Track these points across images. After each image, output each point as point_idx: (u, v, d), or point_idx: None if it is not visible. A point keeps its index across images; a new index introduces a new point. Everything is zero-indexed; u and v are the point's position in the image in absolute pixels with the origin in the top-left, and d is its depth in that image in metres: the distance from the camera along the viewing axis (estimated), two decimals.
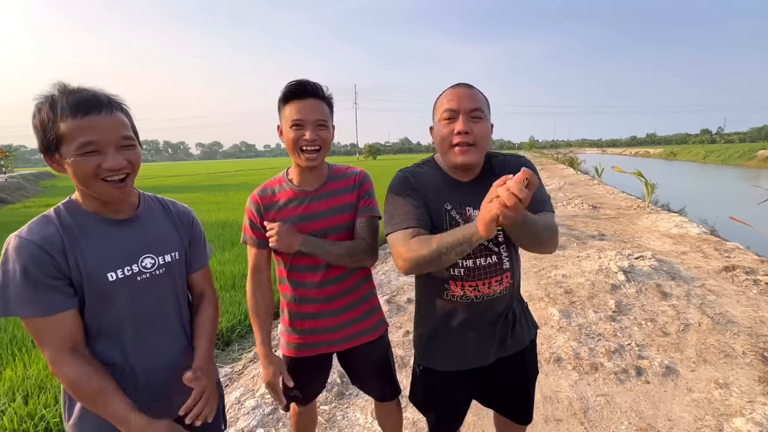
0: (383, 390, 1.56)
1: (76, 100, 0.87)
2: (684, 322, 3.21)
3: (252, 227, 1.37)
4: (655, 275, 4.23)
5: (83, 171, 0.88)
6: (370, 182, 1.45)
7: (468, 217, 1.20)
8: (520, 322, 1.35)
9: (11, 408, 2.28)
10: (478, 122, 1.16)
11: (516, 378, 1.39)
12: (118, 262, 0.97)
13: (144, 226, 1.05)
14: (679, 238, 6.08)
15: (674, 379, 2.50)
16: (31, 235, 0.88)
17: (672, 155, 54.51)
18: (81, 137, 0.86)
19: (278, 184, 1.39)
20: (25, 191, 20.82)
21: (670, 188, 12.72)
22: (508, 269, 1.25)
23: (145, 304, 1.02)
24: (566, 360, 2.71)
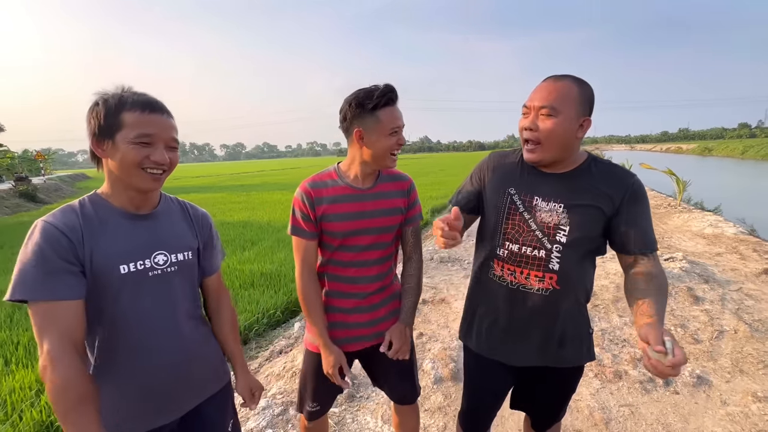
0: (404, 391, 1.55)
1: (146, 99, 1.00)
2: (718, 328, 3.02)
3: (304, 219, 1.34)
4: (686, 278, 4.01)
5: (131, 158, 0.96)
6: (416, 190, 1.50)
7: (532, 206, 1.21)
8: (572, 343, 1.26)
9: (41, 400, 2.39)
10: (548, 119, 1.12)
11: (548, 393, 1.36)
12: (131, 256, 1.00)
13: (160, 223, 1.09)
14: (714, 239, 5.75)
15: (706, 390, 2.34)
16: (54, 219, 0.94)
17: (706, 151, 51.81)
18: (142, 128, 0.97)
19: (330, 178, 1.38)
20: (62, 192, 22.02)
21: (703, 186, 12.07)
22: (554, 270, 1.19)
23: (154, 299, 1.04)
24: (587, 367, 2.59)
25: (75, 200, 1.02)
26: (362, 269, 1.40)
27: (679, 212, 7.91)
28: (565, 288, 1.20)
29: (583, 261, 1.22)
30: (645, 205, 1.18)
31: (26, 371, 2.80)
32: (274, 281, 4.60)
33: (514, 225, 1.22)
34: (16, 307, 4.32)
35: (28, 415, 2.25)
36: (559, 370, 1.29)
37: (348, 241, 1.36)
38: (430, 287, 4.18)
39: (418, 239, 1.48)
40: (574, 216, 1.15)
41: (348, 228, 1.34)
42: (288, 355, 2.99)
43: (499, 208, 1.25)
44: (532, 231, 1.19)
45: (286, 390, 2.45)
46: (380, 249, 1.41)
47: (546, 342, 1.25)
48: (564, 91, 1.11)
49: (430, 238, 6.86)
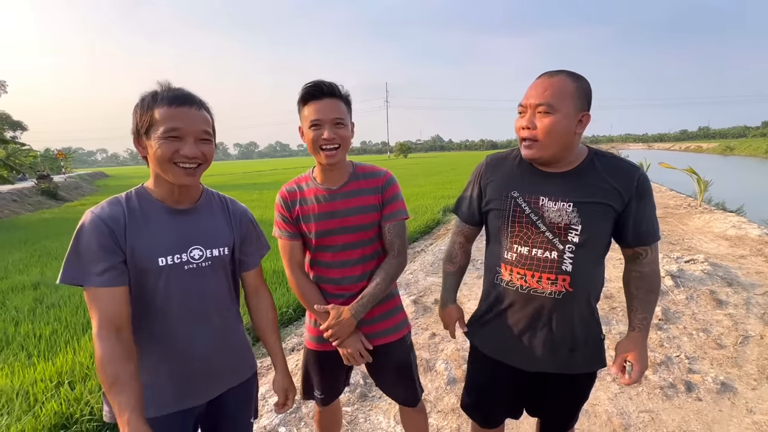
0: (403, 394, 1.54)
1: (174, 93, 1.01)
2: (743, 333, 2.91)
3: (284, 221, 1.42)
4: (708, 281, 3.88)
5: (162, 153, 0.99)
6: (395, 185, 1.44)
7: (538, 207, 1.17)
8: (584, 349, 1.23)
9: (61, 392, 2.44)
10: (545, 117, 1.10)
11: (559, 399, 1.33)
12: (169, 249, 1.04)
13: (199, 218, 1.12)
14: (737, 240, 5.56)
15: (731, 397, 2.26)
16: (101, 211, 1.00)
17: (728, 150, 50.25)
18: (169, 123, 0.98)
19: (304, 181, 1.43)
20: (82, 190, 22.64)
21: (725, 186, 11.69)
22: (567, 272, 1.16)
23: (189, 293, 1.08)
24: (605, 371, 2.53)
25: (122, 193, 1.08)
26: (345, 269, 1.40)
27: (700, 213, 7.67)
28: (578, 290, 1.17)
29: (595, 262, 1.19)
30: (651, 199, 1.18)
31: (47, 364, 2.88)
32: (285, 279, 4.63)
33: (522, 227, 1.20)
34: (38, 301, 4.45)
35: (49, 407, 2.31)
36: (570, 377, 1.25)
37: (324, 241, 1.38)
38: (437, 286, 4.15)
39: (399, 236, 1.41)
40: (586, 214, 1.13)
41: (321, 228, 1.36)
42: (300, 353, 3.00)
43: (503, 212, 1.23)
44: (541, 232, 1.17)
45: (298, 388, 2.45)
46: (360, 248, 1.39)
47: (558, 347, 1.22)
48: (560, 86, 1.08)
49: (442, 238, 6.81)
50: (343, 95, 1.32)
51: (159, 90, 1.02)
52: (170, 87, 1.03)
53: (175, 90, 1.02)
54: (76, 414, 2.30)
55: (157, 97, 1.00)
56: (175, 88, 1.03)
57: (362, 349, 1.38)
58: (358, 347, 1.37)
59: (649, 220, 1.17)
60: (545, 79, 1.11)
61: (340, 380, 1.57)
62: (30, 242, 8.13)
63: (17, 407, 2.35)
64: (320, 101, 1.28)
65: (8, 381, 2.64)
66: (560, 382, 1.27)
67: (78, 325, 3.70)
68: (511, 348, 1.27)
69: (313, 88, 1.28)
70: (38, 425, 2.21)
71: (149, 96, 1.01)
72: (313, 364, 1.50)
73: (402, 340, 1.50)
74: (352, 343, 1.37)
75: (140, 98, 1.01)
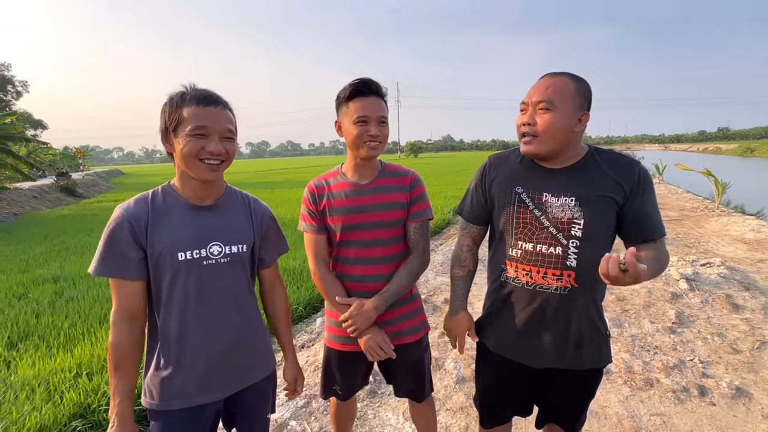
0: (414, 390, 1.56)
1: (201, 93, 1.06)
2: (760, 339, 2.85)
3: (310, 215, 1.43)
4: (724, 284, 3.79)
5: (189, 149, 1.03)
6: (422, 185, 1.48)
7: (542, 202, 1.19)
8: (590, 345, 1.24)
9: (79, 382, 2.52)
10: (546, 114, 1.14)
11: (566, 396, 1.33)
12: (189, 244, 1.08)
13: (220, 215, 1.15)
14: (756, 244, 5.41)
15: (746, 402, 2.21)
16: (127, 207, 1.07)
17: (748, 151, 48.80)
18: (197, 121, 1.03)
19: (333, 176, 1.46)
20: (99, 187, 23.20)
21: (744, 188, 11.38)
22: (572, 267, 1.17)
23: (207, 288, 1.11)
24: (616, 373, 2.51)
25: (150, 189, 1.14)
26: (368, 267, 1.41)
27: (717, 215, 7.49)
28: (583, 286, 1.18)
29: (600, 256, 1.17)
30: (652, 192, 1.18)
31: (66, 355, 2.97)
32: (296, 277, 4.68)
33: (526, 223, 1.21)
34: (57, 294, 4.59)
35: (68, 397, 2.38)
36: (577, 373, 1.26)
37: (349, 236, 1.40)
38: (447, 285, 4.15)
39: (424, 236, 1.45)
40: (588, 208, 1.14)
41: (346, 222, 1.38)
42: (310, 350, 3.04)
43: (508, 209, 1.24)
44: (545, 228, 1.18)
45: (309, 383, 2.49)
46: (384, 246, 1.41)
47: (564, 343, 1.22)
48: (561, 86, 1.13)
49: (452, 238, 6.79)
50: (384, 95, 1.37)
51: (186, 90, 1.06)
52: (197, 88, 1.08)
53: (202, 90, 1.07)
54: (94, 404, 2.37)
55: (186, 96, 1.04)
56: (201, 89, 1.07)
57: (382, 343, 1.37)
58: (377, 340, 1.36)
59: (653, 214, 1.17)
60: (547, 79, 1.16)
61: (360, 378, 1.58)
62: (50, 237, 8.37)
63: (38, 396, 2.43)
64: (367, 98, 1.32)
65: (30, 371, 2.74)
66: (567, 379, 1.27)
67: (95, 318, 3.80)
68: (518, 344, 1.28)
69: (361, 84, 1.32)
70: (58, 414, 2.28)
71: (178, 96, 1.05)
72: (334, 364, 1.51)
73: (420, 341, 1.51)
74: (371, 335, 1.36)
75: (169, 98, 1.06)
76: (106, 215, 11.29)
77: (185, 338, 1.10)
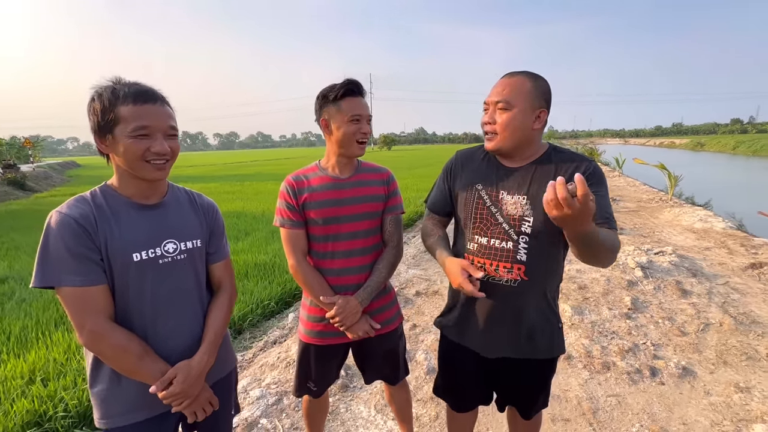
0: (389, 375, 1.65)
1: (138, 90, 0.99)
2: (704, 321, 3.09)
3: (289, 209, 1.43)
4: (674, 272, 4.08)
5: (133, 152, 0.98)
6: (395, 181, 1.57)
7: (498, 200, 1.26)
8: (541, 336, 1.30)
9: (32, 389, 2.38)
10: (504, 113, 1.20)
11: (520, 384, 1.40)
12: (143, 244, 1.04)
13: (169, 212, 1.11)
14: (703, 233, 5.84)
15: (691, 381, 2.40)
16: (71, 210, 0.97)
17: (699, 146, 52.31)
18: (138, 121, 0.97)
19: (312, 171, 1.48)
20: (52, 180, 21.65)
21: (695, 180, 12.20)
22: (522, 261, 1.24)
23: (165, 287, 1.08)
24: (577, 358, 2.65)
25: (86, 191, 1.06)
26: (349, 260, 1.45)
27: (670, 207, 8.01)
28: (533, 279, 1.24)
29: (550, 252, 1.26)
30: (603, 188, 1.21)
31: (17, 361, 2.78)
32: (268, 272, 4.60)
33: (482, 219, 1.28)
34: (6, 296, 4.27)
35: (20, 405, 2.24)
36: (531, 363, 1.33)
37: (330, 229, 1.43)
38: (424, 279, 4.21)
39: (398, 228, 1.54)
40: (537, 206, 1.20)
41: (328, 215, 1.41)
42: (282, 346, 3.01)
43: (468, 204, 1.31)
44: (499, 224, 1.25)
45: (280, 380, 2.47)
46: (364, 237, 1.47)
47: (516, 333, 1.29)
48: (517, 85, 1.19)
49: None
50: None
51: (116, 86, 0.99)
52: (127, 82, 1.01)
53: (135, 86, 1.00)
54: (50, 411, 2.24)
55: (118, 93, 0.97)
56: (133, 84, 1.01)
57: (369, 330, 1.46)
58: (365, 329, 1.45)
59: (601, 206, 1.17)
60: (505, 80, 1.22)
61: (334, 372, 1.63)
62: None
63: None
64: (358, 98, 1.39)
65: None
66: (520, 368, 1.34)
67: (50, 320, 3.58)
68: (474, 334, 1.34)
69: (352, 84, 1.38)
70: (8, 423, 2.15)
71: (108, 92, 0.97)
72: (310, 358, 1.54)
73: (395, 331, 1.59)
74: (360, 327, 1.44)
75: (96, 94, 0.98)
76: None
77: (147, 342, 1.05)
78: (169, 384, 1.04)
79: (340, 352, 1.57)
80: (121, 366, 1.01)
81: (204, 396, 1.12)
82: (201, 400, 1.11)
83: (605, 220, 1.17)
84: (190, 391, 1.06)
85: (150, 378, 1.03)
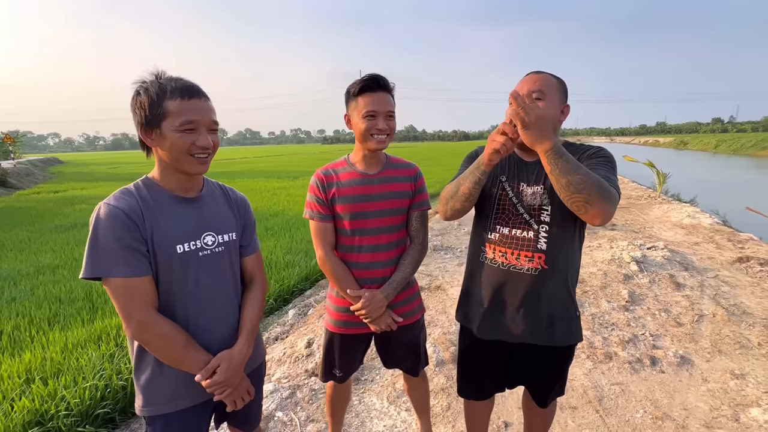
0: (411, 367, 1.67)
1: (184, 85, 1.01)
2: (698, 312, 3.19)
3: (318, 202, 1.47)
4: (668, 266, 4.19)
5: (180, 146, 1.01)
6: (423, 177, 1.58)
7: (519, 191, 1.32)
8: (560, 324, 1.34)
9: (32, 388, 2.33)
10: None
11: (538, 370, 1.44)
12: (185, 236, 1.06)
13: (207, 206, 1.14)
14: (692, 229, 6.01)
15: (689, 369, 2.49)
16: (119, 203, 0.99)
17: (682, 144, 53.62)
18: (185, 116, 0.99)
19: (341, 166, 1.51)
20: (34, 177, 20.99)
21: (680, 178, 12.53)
22: (542, 250, 1.28)
23: (206, 279, 1.09)
24: (580, 349, 2.71)
25: (130, 184, 1.07)
26: (375, 254, 1.48)
27: (659, 203, 8.22)
28: (553, 267, 1.29)
29: (569, 241, 1.31)
30: (607, 162, 1.25)
31: (12, 360, 2.72)
32: (265, 269, 4.57)
33: (505, 210, 1.33)
34: None
35: (20, 404, 2.19)
36: (550, 350, 1.37)
37: (357, 224, 1.45)
38: (426, 275, 4.24)
39: (424, 224, 1.55)
40: (554, 195, 1.24)
41: (355, 209, 1.44)
42: (285, 342, 3.01)
43: (492, 196, 1.36)
44: (520, 214, 1.30)
45: (290, 375, 2.48)
46: (390, 233, 1.49)
47: (536, 320, 1.33)
48: (547, 80, 1.27)
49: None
50: (391, 89, 1.43)
51: (161, 81, 1.01)
52: (171, 77, 1.03)
53: (181, 81, 1.03)
54: (51, 410, 2.20)
55: (165, 88, 0.99)
56: (178, 79, 1.03)
57: (392, 323, 1.49)
58: (388, 322, 1.48)
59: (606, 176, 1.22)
60: (534, 75, 1.29)
61: (358, 359, 1.67)
62: None
63: None
64: (375, 94, 1.38)
65: None
66: (541, 355, 1.38)
67: (44, 319, 3.50)
68: (494, 321, 1.38)
69: (370, 81, 1.38)
70: (9, 422, 2.10)
71: (155, 87, 0.99)
72: (336, 347, 1.58)
73: (417, 323, 1.62)
74: (384, 320, 1.48)
75: (141, 88, 1.00)
76: (45, 208, 10.31)
77: (190, 333, 1.07)
78: (213, 373, 1.06)
79: (364, 341, 1.61)
80: (166, 355, 1.02)
81: (243, 385, 1.14)
82: (241, 390, 1.13)
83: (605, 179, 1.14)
84: (232, 380, 1.08)
85: (194, 367, 1.04)
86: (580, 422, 2.06)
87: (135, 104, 1.01)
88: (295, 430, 2.04)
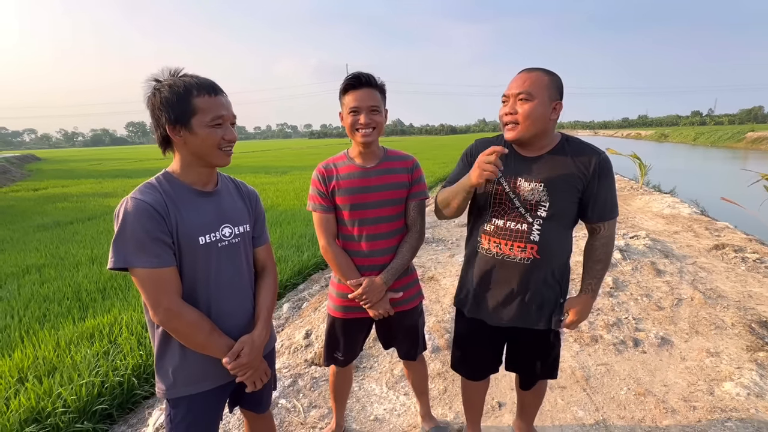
0: (408, 351, 1.74)
1: (208, 82, 1.07)
2: (677, 297, 3.35)
3: (320, 195, 1.54)
4: (649, 253, 4.36)
5: (211, 140, 1.06)
6: (420, 168, 1.63)
7: (516, 186, 1.34)
8: (548, 307, 1.42)
9: (27, 386, 2.32)
10: (525, 104, 1.28)
11: (529, 351, 1.53)
12: (205, 228, 1.11)
13: (223, 199, 1.19)
14: (672, 218, 6.24)
15: (669, 349, 2.63)
16: (146, 197, 1.03)
17: (663, 137, 54.96)
18: (215, 111, 1.05)
19: (340, 160, 1.57)
20: (11, 174, 20.25)
21: (660, 170, 12.91)
22: (535, 242, 1.35)
23: (226, 269, 1.15)
24: (567, 333, 2.83)
25: (152, 178, 1.12)
26: (375, 243, 1.54)
27: (641, 194, 8.48)
28: (544, 258, 1.36)
29: (560, 233, 1.38)
30: (610, 179, 1.36)
31: (3, 360, 2.69)
32: None
33: (500, 203, 1.38)
34: None
35: (16, 403, 2.19)
36: (538, 333, 1.46)
37: (357, 215, 1.51)
38: (419, 266, 4.32)
39: (421, 214, 1.61)
40: (553, 193, 1.31)
41: (354, 201, 1.50)
42: (281, 334, 3.05)
43: (489, 190, 1.40)
44: (515, 208, 1.35)
45: (290, 364, 2.53)
46: (389, 222, 1.55)
47: (526, 306, 1.41)
48: (536, 79, 1.28)
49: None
50: (378, 85, 1.46)
51: (185, 79, 1.05)
52: (191, 75, 1.08)
53: (203, 78, 1.08)
54: (48, 408, 2.20)
55: (191, 86, 1.04)
56: (198, 77, 1.08)
57: (390, 309, 1.55)
58: (387, 308, 1.56)
59: (607, 199, 1.36)
60: (524, 74, 1.30)
61: (360, 344, 1.73)
62: None
63: None
64: (358, 90, 1.44)
65: None
66: (529, 338, 1.47)
67: (33, 318, 3.45)
68: (488, 306, 1.45)
69: (352, 79, 1.44)
70: (5, 421, 2.10)
71: (179, 85, 1.03)
72: (337, 330, 1.65)
73: (415, 309, 1.68)
74: (382, 305, 1.54)
75: (164, 86, 1.04)
76: (25, 206, 10.01)
77: (212, 320, 1.12)
78: (237, 356, 1.11)
79: (364, 325, 1.67)
80: (192, 341, 1.07)
81: (262, 367, 1.20)
82: (260, 371, 1.19)
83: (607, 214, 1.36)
84: (254, 363, 1.15)
85: (218, 352, 1.10)
86: (569, 400, 2.17)
87: (156, 102, 1.04)
88: (299, 415, 2.09)
